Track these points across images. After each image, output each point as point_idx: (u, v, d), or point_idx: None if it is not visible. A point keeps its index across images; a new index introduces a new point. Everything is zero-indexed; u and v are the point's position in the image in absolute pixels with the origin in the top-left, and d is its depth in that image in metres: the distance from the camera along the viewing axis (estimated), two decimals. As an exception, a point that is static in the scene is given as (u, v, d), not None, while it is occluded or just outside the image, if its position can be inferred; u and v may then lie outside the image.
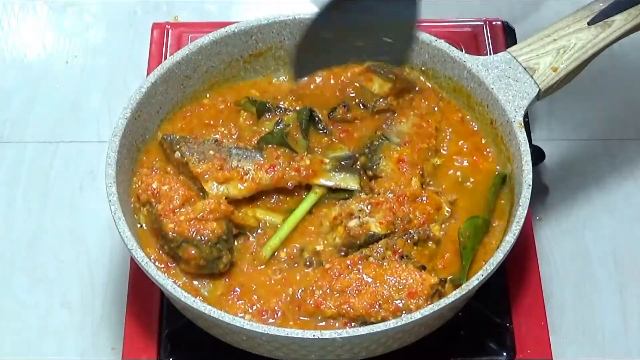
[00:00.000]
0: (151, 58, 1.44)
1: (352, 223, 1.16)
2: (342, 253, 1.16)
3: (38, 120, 1.50)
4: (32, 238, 1.37)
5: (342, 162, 1.22)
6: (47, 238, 1.37)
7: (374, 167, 1.21)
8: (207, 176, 1.18)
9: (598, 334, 1.29)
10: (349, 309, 1.10)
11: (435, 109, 1.27)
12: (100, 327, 1.29)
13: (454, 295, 1.07)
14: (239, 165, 1.19)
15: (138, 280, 1.24)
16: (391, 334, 1.09)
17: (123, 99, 1.22)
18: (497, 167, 1.23)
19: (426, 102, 1.27)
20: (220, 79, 1.30)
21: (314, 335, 1.05)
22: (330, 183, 1.21)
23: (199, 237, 1.13)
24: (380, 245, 1.15)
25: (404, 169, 1.20)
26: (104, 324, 1.29)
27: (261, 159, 1.20)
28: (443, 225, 1.18)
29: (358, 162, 1.23)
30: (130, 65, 1.54)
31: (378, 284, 1.10)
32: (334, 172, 1.21)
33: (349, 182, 1.21)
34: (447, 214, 1.19)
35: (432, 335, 1.16)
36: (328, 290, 1.11)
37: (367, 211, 1.17)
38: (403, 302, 1.09)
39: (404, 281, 1.10)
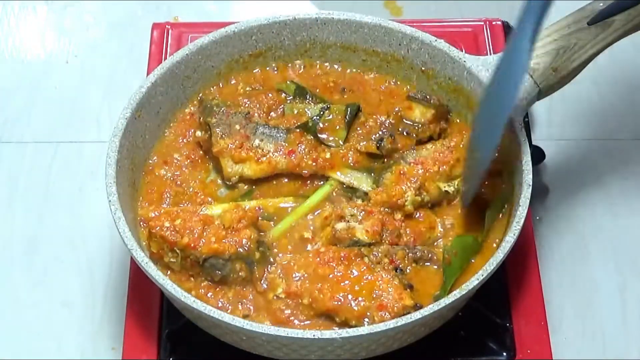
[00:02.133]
0: (151, 58, 1.44)
1: (340, 226, 1.16)
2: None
3: (38, 120, 1.50)
4: (32, 238, 1.37)
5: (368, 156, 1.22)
6: (47, 238, 1.37)
7: (380, 179, 1.20)
8: (224, 153, 1.20)
9: (598, 334, 1.29)
10: (319, 294, 1.10)
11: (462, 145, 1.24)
12: (100, 327, 1.29)
13: (454, 295, 1.07)
14: (260, 145, 1.21)
15: (138, 280, 1.24)
16: (391, 334, 1.09)
17: (123, 99, 1.22)
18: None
19: (458, 137, 1.24)
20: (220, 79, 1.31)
21: (314, 335, 1.05)
22: (345, 179, 1.22)
23: (240, 250, 1.11)
24: (380, 250, 1.15)
25: (403, 183, 1.19)
26: (104, 324, 1.29)
27: (284, 142, 1.21)
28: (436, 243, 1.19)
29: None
30: (130, 65, 1.54)
31: (357, 285, 1.10)
32: (351, 170, 1.22)
33: (363, 182, 1.21)
34: (439, 235, 1.19)
35: (432, 335, 1.16)
36: (312, 272, 1.12)
37: (359, 217, 1.16)
38: (370, 311, 1.09)
39: (381, 292, 1.10)
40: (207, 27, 1.39)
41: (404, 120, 1.25)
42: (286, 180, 1.23)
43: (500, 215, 1.20)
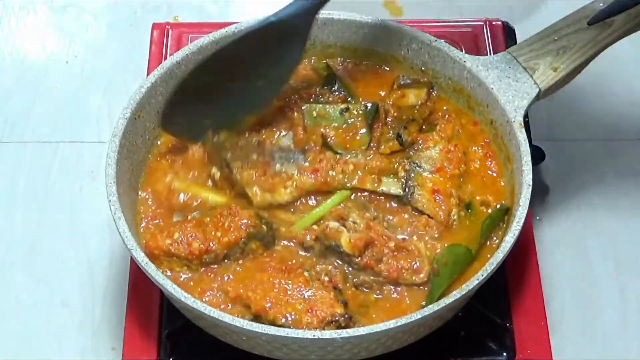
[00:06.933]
0: (151, 58, 1.44)
1: (333, 224, 1.14)
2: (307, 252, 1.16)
3: (38, 120, 1.50)
4: (32, 238, 1.37)
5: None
6: (47, 238, 1.37)
7: (409, 196, 1.18)
8: (250, 183, 1.18)
9: (598, 334, 1.29)
10: (253, 295, 1.10)
11: (460, 131, 1.25)
12: (100, 327, 1.29)
13: (453, 296, 1.07)
14: (283, 170, 1.19)
15: (138, 280, 1.24)
16: (391, 334, 1.09)
17: (123, 99, 1.23)
18: (502, 201, 1.21)
19: (449, 125, 1.24)
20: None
21: (314, 336, 1.05)
22: (379, 188, 1.19)
23: (250, 230, 1.14)
24: (322, 269, 1.14)
25: (439, 200, 1.17)
26: (104, 324, 1.29)
27: (304, 162, 1.20)
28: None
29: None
30: (130, 65, 1.54)
31: (290, 298, 1.10)
32: (377, 177, 1.20)
33: (392, 186, 1.19)
34: (419, 280, 1.14)
35: (432, 335, 1.16)
36: (251, 276, 1.13)
37: (359, 227, 1.14)
38: (299, 312, 1.09)
39: (313, 297, 1.10)
40: (207, 27, 1.39)
41: (401, 107, 1.24)
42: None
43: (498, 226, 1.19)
